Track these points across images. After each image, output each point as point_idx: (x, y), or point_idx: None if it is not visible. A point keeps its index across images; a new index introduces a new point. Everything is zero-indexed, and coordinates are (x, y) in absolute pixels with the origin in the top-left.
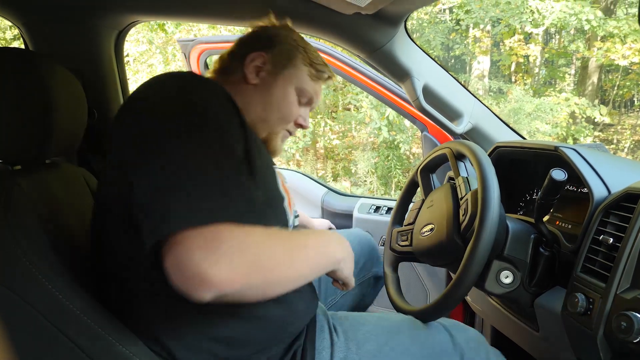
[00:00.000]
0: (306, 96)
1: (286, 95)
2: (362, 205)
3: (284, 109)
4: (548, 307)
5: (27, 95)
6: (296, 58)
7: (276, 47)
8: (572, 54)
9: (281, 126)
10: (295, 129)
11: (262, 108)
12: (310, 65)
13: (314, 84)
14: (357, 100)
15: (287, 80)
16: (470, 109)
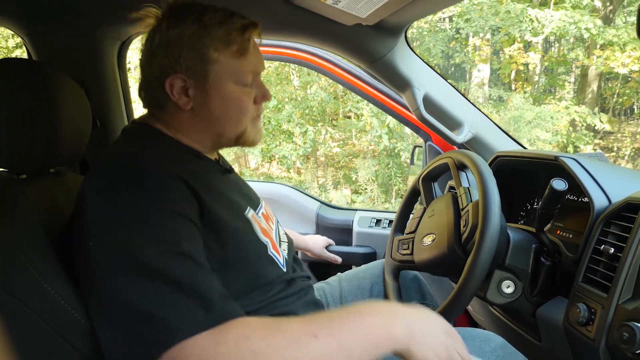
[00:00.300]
0: (246, 78)
1: (228, 98)
2: (362, 219)
3: (234, 111)
4: (550, 317)
5: (32, 105)
6: (208, 53)
7: (181, 58)
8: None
9: (243, 124)
10: (261, 108)
11: (213, 126)
12: (226, 45)
13: (244, 60)
14: (357, 108)
15: (218, 83)
16: (470, 118)
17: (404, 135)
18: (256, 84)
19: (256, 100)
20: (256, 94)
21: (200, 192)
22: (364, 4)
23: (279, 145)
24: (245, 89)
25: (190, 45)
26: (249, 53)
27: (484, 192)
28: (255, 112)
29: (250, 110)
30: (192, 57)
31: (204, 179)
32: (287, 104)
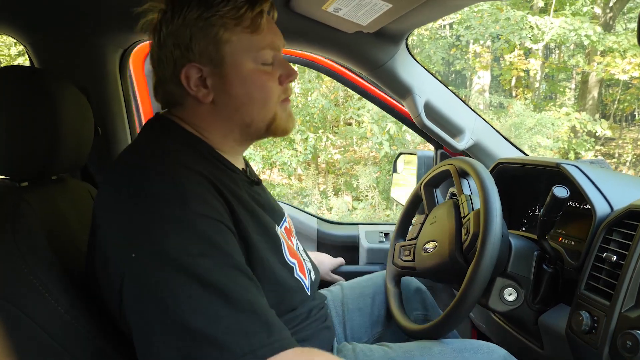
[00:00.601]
0: (265, 55)
1: (249, 80)
2: (369, 234)
3: (258, 93)
4: (552, 325)
5: (34, 112)
6: (218, 33)
7: (192, 44)
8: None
9: (271, 107)
10: (289, 89)
11: (240, 115)
12: (237, 22)
13: (259, 36)
14: (358, 115)
15: (236, 65)
16: (471, 125)
17: (405, 142)
18: (278, 62)
19: (281, 80)
20: (280, 73)
21: (231, 202)
22: (365, 12)
23: (279, 152)
24: (267, 67)
25: (198, 29)
26: (262, 28)
27: (485, 200)
28: (283, 94)
29: (276, 92)
30: (202, 41)
31: (233, 189)
32: None
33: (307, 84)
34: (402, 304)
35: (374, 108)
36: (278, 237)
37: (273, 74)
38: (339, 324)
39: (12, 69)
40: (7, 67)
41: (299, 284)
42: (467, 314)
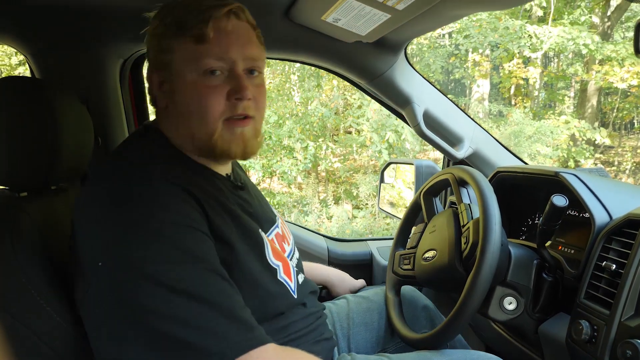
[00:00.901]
0: (208, 65)
1: (189, 90)
2: (383, 250)
3: (196, 105)
4: (552, 334)
5: (34, 123)
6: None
7: (149, 51)
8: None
9: (210, 123)
10: (237, 107)
11: (184, 125)
12: (182, 31)
13: (204, 46)
14: (357, 124)
15: (180, 73)
16: (470, 134)
17: (404, 150)
18: (232, 77)
19: (229, 96)
20: (230, 88)
21: (207, 205)
22: (364, 22)
23: (279, 161)
24: (211, 80)
25: (153, 37)
26: (207, 37)
27: (485, 210)
28: (228, 112)
29: (217, 108)
30: (154, 48)
31: (211, 192)
32: (287, 120)
33: (307, 93)
34: (402, 313)
35: (373, 116)
36: (261, 239)
37: (220, 88)
38: (342, 337)
39: (12, 79)
40: (8, 78)
41: (282, 287)
42: (467, 323)
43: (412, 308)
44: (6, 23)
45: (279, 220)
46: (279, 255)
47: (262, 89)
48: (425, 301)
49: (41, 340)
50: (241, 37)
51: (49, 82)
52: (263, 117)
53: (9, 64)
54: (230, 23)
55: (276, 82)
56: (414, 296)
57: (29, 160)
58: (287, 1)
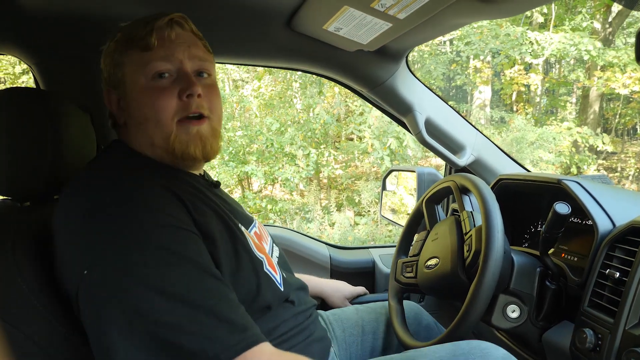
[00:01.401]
0: (158, 67)
1: (142, 99)
2: (385, 258)
3: (149, 109)
4: (556, 342)
5: (38, 134)
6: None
7: (104, 69)
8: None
9: (164, 124)
10: (189, 105)
11: (144, 135)
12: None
13: (151, 52)
14: (359, 130)
15: (132, 84)
16: (472, 141)
17: (406, 157)
18: (181, 76)
19: (181, 95)
20: (180, 87)
21: (191, 203)
22: (365, 31)
23: (281, 168)
24: (160, 82)
25: (106, 56)
26: (152, 44)
27: (487, 218)
28: (182, 111)
29: (169, 107)
30: (107, 66)
31: (192, 191)
32: (289, 127)
33: (309, 100)
34: (405, 321)
35: (375, 123)
36: (243, 233)
37: (170, 89)
38: (353, 343)
39: (16, 90)
40: (12, 88)
41: (268, 279)
42: (470, 330)
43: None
44: (11, 34)
45: (256, 221)
46: (261, 250)
47: (214, 90)
48: (428, 319)
49: (41, 348)
50: (186, 41)
51: (52, 92)
52: (220, 118)
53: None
54: (174, 32)
55: (278, 90)
56: (418, 313)
57: (32, 171)
58: (289, 11)
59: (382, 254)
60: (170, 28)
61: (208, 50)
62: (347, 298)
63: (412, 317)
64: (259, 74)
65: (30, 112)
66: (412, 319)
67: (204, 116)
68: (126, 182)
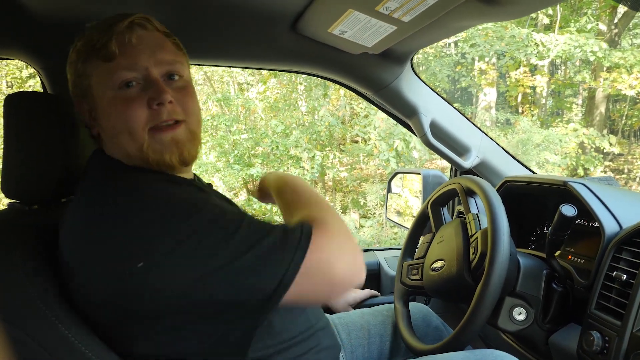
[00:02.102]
0: (121, 76)
1: (111, 111)
2: (390, 261)
3: (119, 120)
4: (563, 345)
5: (46, 137)
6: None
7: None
8: (579, 84)
9: (136, 135)
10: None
11: (117, 150)
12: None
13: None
14: (364, 133)
15: (100, 95)
16: (478, 143)
17: (412, 159)
18: (148, 84)
19: (150, 104)
20: (149, 96)
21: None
22: (370, 34)
23: (286, 171)
24: (127, 92)
25: (70, 65)
26: (113, 53)
27: (493, 220)
28: (153, 120)
29: (138, 118)
30: (72, 76)
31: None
32: (294, 129)
33: (314, 102)
34: (411, 324)
35: (380, 125)
36: None
37: (138, 99)
38: (359, 347)
39: (25, 94)
40: (21, 93)
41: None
42: (476, 333)
43: (424, 326)
44: (18, 38)
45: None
46: None
47: (187, 91)
48: (437, 320)
49: (48, 353)
50: (150, 45)
51: (59, 97)
52: (198, 119)
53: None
54: (135, 35)
55: (283, 92)
56: (427, 315)
57: (39, 174)
58: (293, 14)
59: (388, 256)
60: (130, 32)
61: (178, 48)
62: (350, 304)
63: (421, 318)
64: (264, 77)
65: (38, 116)
66: (420, 321)
67: (178, 121)
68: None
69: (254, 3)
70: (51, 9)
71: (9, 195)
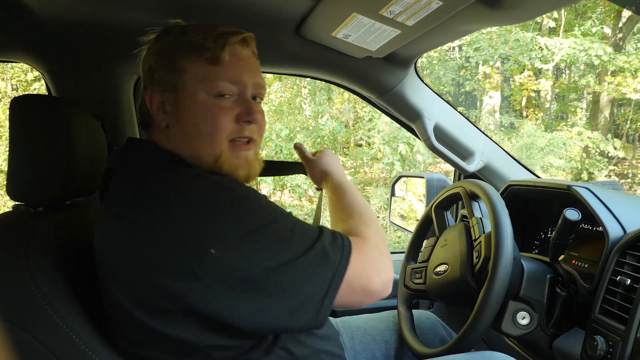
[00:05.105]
0: (221, 88)
1: (200, 111)
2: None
3: (206, 126)
4: (567, 349)
5: (50, 140)
6: (175, 61)
7: (154, 69)
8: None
9: (218, 143)
10: (244, 130)
11: (189, 145)
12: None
13: (218, 68)
14: (368, 137)
15: (189, 94)
16: (481, 147)
17: (416, 163)
18: (242, 100)
19: (238, 119)
20: (240, 110)
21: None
22: (374, 38)
23: None
24: (222, 101)
25: (161, 56)
26: (223, 61)
27: (496, 224)
28: (235, 133)
29: (226, 128)
30: (162, 67)
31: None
32: (298, 133)
33: (318, 107)
34: (414, 328)
35: (384, 129)
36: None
37: (230, 110)
38: (362, 352)
39: (30, 97)
40: (25, 96)
41: None
42: (480, 337)
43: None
44: (23, 42)
45: None
46: None
47: (263, 115)
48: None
49: (53, 354)
50: (252, 65)
51: (64, 100)
52: (261, 141)
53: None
54: (244, 50)
55: (287, 96)
56: (430, 319)
57: (44, 176)
58: (298, 18)
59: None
60: (242, 46)
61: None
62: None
63: (424, 323)
64: (269, 81)
65: (44, 119)
66: (423, 325)
67: (252, 140)
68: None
69: (258, 7)
70: (56, 12)
71: (14, 198)
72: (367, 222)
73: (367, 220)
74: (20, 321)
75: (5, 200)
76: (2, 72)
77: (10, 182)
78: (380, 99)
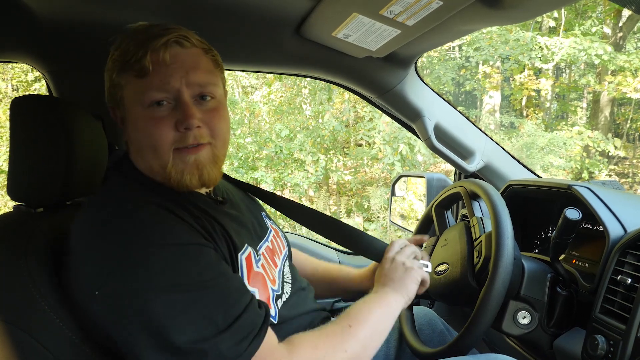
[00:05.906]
0: (153, 97)
1: (139, 126)
2: None
3: (145, 138)
4: (568, 349)
5: (51, 141)
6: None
7: (108, 85)
8: (583, 87)
9: (161, 154)
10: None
11: (142, 162)
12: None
13: (147, 79)
14: (369, 137)
15: (129, 109)
16: (482, 146)
17: (416, 163)
18: (177, 106)
19: (177, 127)
20: (178, 118)
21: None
22: (374, 38)
23: (291, 174)
24: (156, 112)
25: (108, 72)
26: (147, 70)
27: (497, 223)
28: (179, 142)
29: (166, 138)
30: (107, 84)
31: (190, 211)
32: (298, 133)
33: (318, 107)
34: (415, 327)
35: (385, 129)
36: (239, 262)
37: (167, 119)
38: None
39: (30, 98)
40: (26, 96)
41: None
42: (480, 337)
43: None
44: (24, 42)
45: (270, 232)
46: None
47: (217, 113)
48: (442, 324)
49: (51, 354)
50: (184, 65)
51: (65, 100)
52: (224, 141)
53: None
54: (169, 53)
55: (287, 96)
56: (431, 318)
57: (45, 177)
58: (298, 18)
59: None
60: (165, 49)
61: (216, 64)
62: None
63: (425, 322)
64: (269, 81)
65: (44, 119)
66: (424, 324)
67: (202, 144)
68: (136, 207)
69: (259, 7)
70: (57, 13)
71: (14, 198)
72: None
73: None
74: (20, 321)
75: (6, 200)
76: (2, 73)
77: (10, 182)
78: (381, 99)
